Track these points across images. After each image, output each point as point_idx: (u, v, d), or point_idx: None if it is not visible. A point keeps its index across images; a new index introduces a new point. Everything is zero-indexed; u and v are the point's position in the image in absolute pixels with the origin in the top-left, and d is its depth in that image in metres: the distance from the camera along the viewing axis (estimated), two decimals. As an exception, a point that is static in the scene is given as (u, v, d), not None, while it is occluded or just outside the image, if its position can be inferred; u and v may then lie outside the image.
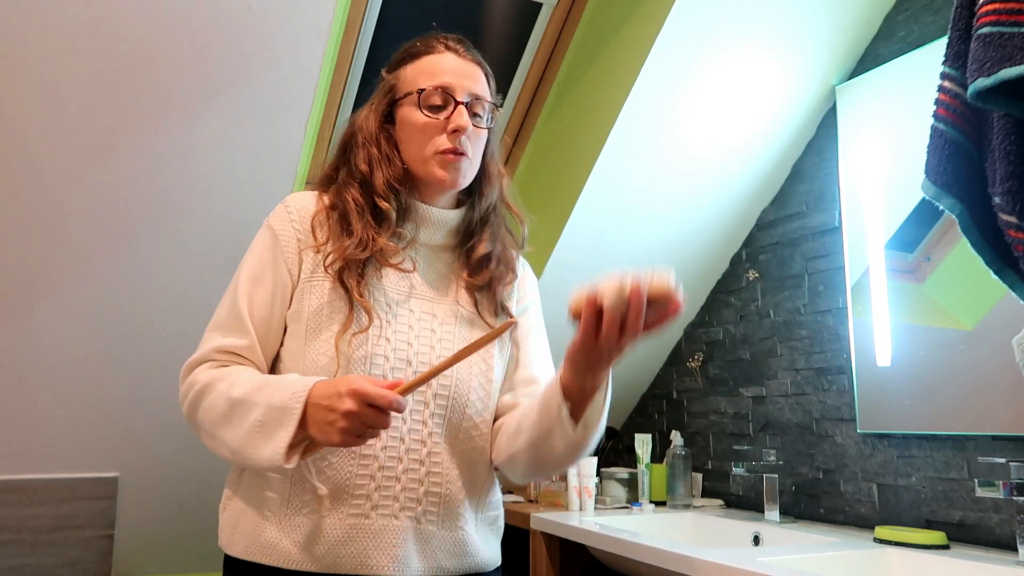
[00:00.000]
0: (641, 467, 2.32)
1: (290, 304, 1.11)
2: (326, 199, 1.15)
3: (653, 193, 2.16)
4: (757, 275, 2.29)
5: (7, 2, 1.45)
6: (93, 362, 1.93)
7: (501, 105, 1.20)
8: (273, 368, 1.13)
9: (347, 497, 1.06)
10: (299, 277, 1.11)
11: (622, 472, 2.37)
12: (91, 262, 1.80)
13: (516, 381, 1.22)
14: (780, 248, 2.22)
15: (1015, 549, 1.47)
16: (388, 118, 1.16)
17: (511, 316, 1.21)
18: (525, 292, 1.28)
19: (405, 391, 0.98)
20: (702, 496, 2.36)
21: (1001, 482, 1.48)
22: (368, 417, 0.95)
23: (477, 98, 1.14)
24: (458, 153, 1.12)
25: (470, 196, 1.20)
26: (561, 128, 2.20)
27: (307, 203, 1.15)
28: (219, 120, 1.70)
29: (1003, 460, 1.54)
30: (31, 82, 1.54)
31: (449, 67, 1.13)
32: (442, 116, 1.12)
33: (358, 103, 2.08)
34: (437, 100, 1.12)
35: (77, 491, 2.07)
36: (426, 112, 1.11)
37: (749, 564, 1.37)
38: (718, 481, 2.34)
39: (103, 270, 1.82)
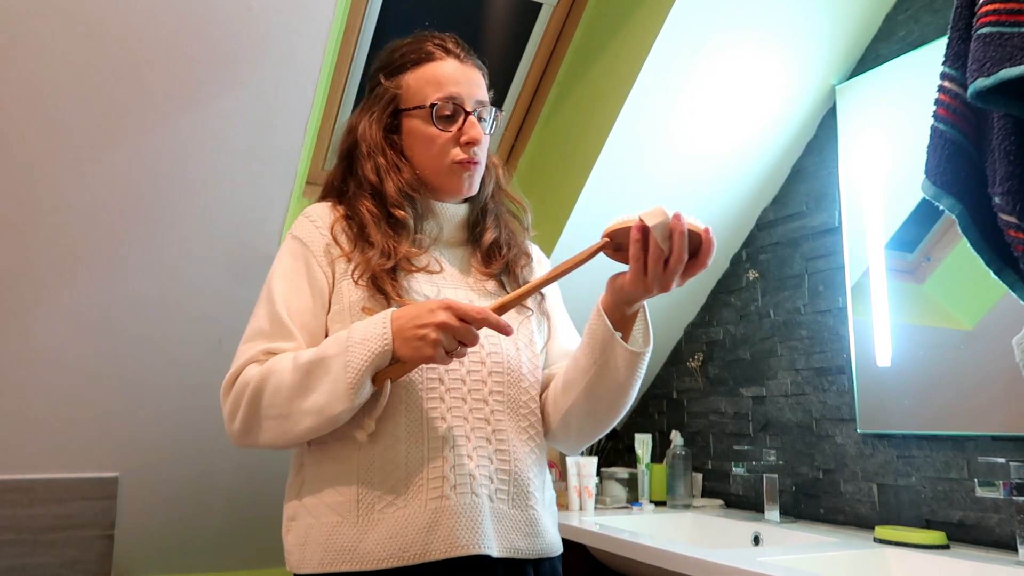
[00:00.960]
0: (641, 467, 2.32)
1: (329, 307, 1.11)
2: (341, 209, 1.15)
3: (653, 193, 2.16)
4: (757, 275, 2.29)
5: (5, 2, 1.45)
6: (93, 362, 1.93)
7: (499, 105, 1.21)
8: None
9: (423, 481, 1.04)
10: (334, 281, 1.11)
11: (622, 472, 2.37)
12: (91, 262, 1.80)
13: (555, 354, 1.24)
14: (780, 248, 2.22)
15: (1015, 549, 1.47)
16: (391, 127, 1.16)
17: (541, 294, 1.22)
18: (544, 271, 1.29)
19: (497, 310, 1.00)
20: (702, 496, 2.36)
21: (1001, 482, 1.48)
22: (460, 331, 0.97)
23: (482, 104, 1.16)
24: (473, 163, 1.15)
25: None
26: (561, 128, 2.20)
27: (325, 213, 1.15)
28: (219, 121, 1.70)
29: (1003, 460, 1.54)
30: (28, 82, 1.54)
31: (453, 75, 1.14)
32: (453, 128, 1.13)
33: (358, 103, 2.07)
34: (447, 112, 1.13)
35: (77, 491, 2.07)
36: (439, 126, 1.13)
37: (749, 564, 1.38)
38: (718, 481, 2.34)
39: (103, 270, 1.82)
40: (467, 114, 1.14)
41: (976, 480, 1.52)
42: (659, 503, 2.29)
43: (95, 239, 1.77)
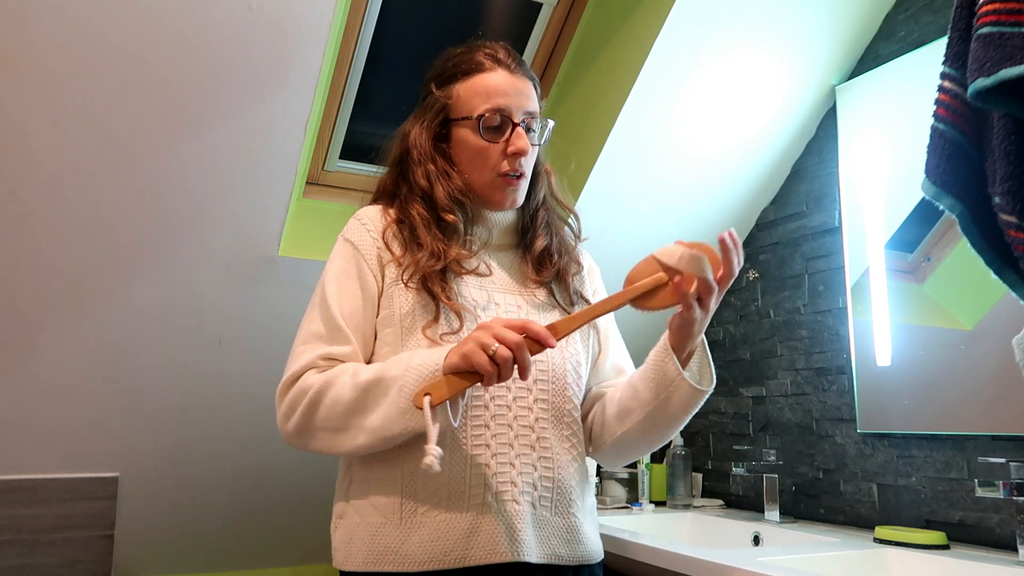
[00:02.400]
0: (641, 467, 2.32)
1: (378, 312, 1.13)
2: (392, 212, 1.18)
3: (653, 193, 2.16)
4: (757, 275, 2.29)
5: (7, 5, 1.45)
6: (93, 362, 1.93)
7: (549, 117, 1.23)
8: None
9: (464, 487, 1.06)
10: (383, 284, 1.14)
11: (622, 472, 2.37)
12: (90, 262, 1.80)
13: (606, 371, 1.27)
14: (780, 248, 2.22)
15: (1015, 549, 1.47)
16: (440, 135, 1.19)
17: (589, 303, 1.25)
18: (596, 282, 1.34)
19: (559, 335, 1.03)
20: (702, 496, 2.36)
21: (1001, 482, 1.48)
22: (506, 337, 0.98)
23: (531, 115, 1.18)
24: (518, 176, 1.17)
25: None
26: (561, 128, 2.19)
27: (376, 217, 1.17)
28: (218, 120, 1.70)
29: (1003, 460, 1.54)
30: (28, 82, 1.54)
31: (503, 86, 1.15)
32: (500, 139, 1.16)
33: (358, 103, 2.08)
34: (494, 123, 1.15)
35: (77, 491, 2.07)
36: (486, 137, 1.15)
37: (749, 564, 1.37)
38: (718, 481, 2.34)
39: (102, 270, 1.82)
40: (514, 125, 1.15)
41: (976, 480, 1.52)
42: (659, 503, 2.29)
43: (94, 239, 1.77)
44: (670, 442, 2.35)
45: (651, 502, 2.28)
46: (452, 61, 1.19)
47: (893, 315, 1.84)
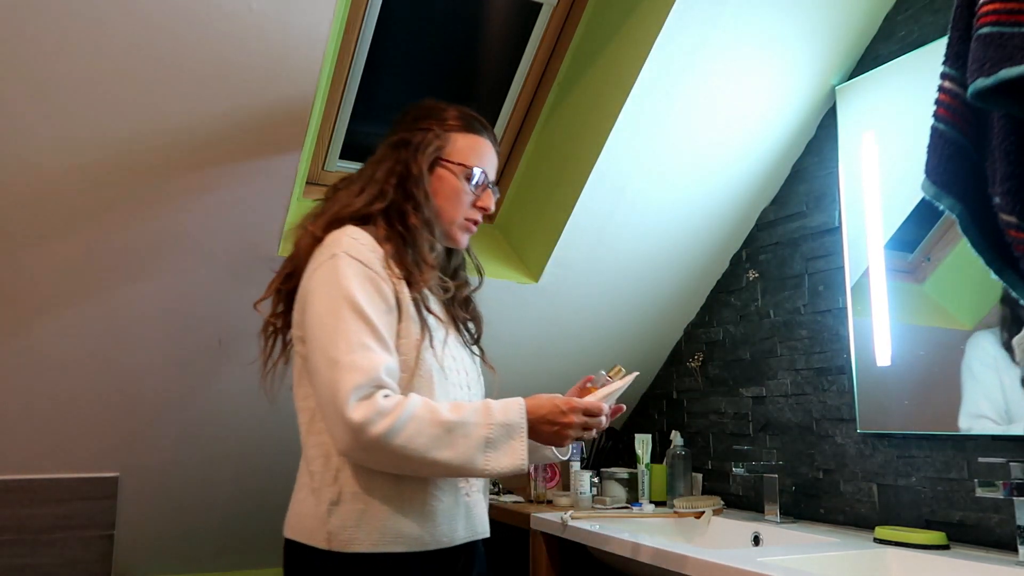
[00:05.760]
0: (641, 467, 2.32)
1: (399, 328, 1.26)
2: (381, 230, 1.30)
3: (653, 193, 2.16)
4: (757, 275, 2.29)
5: (7, 5, 1.45)
6: (93, 362, 1.93)
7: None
8: None
9: (454, 480, 1.28)
10: (400, 300, 1.26)
11: (622, 472, 2.37)
12: (90, 262, 1.80)
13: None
14: (780, 248, 2.22)
15: (1015, 549, 1.47)
16: (429, 167, 1.36)
17: (483, 350, 1.47)
18: None
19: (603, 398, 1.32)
20: (702, 496, 2.35)
21: (1001, 482, 1.48)
22: (591, 424, 1.27)
23: (494, 184, 1.43)
24: (477, 224, 1.41)
25: None
26: (561, 128, 2.20)
27: (371, 240, 1.27)
28: (217, 120, 1.70)
29: (1003, 460, 1.54)
30: (30, 82, 1.54)
31: (488, 154, 1.41)
32: (477, 192, 1.39)
33: (358, 103, 2.08)
34: (479, 179, 1.38)
35: (77, 491, 2.07)
36: (471, 189, 1.38)
37: (749, 564, 1.38)
38: (718, 481, 2.34)
39: (103, 270, 1.82)
40: (487, 187, 1.41)
41: (976, 480, 1.52)
42: (659, 503, 2.29)
43: (94, 238, 1.77)
44: (670, 442, 2.35)
45: (651, 502, 2.27)
46: (456, 113, 1.40)
47: (893, 315, 1.84)
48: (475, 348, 1.44)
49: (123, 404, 2.01)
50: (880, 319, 1.86)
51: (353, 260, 1.23)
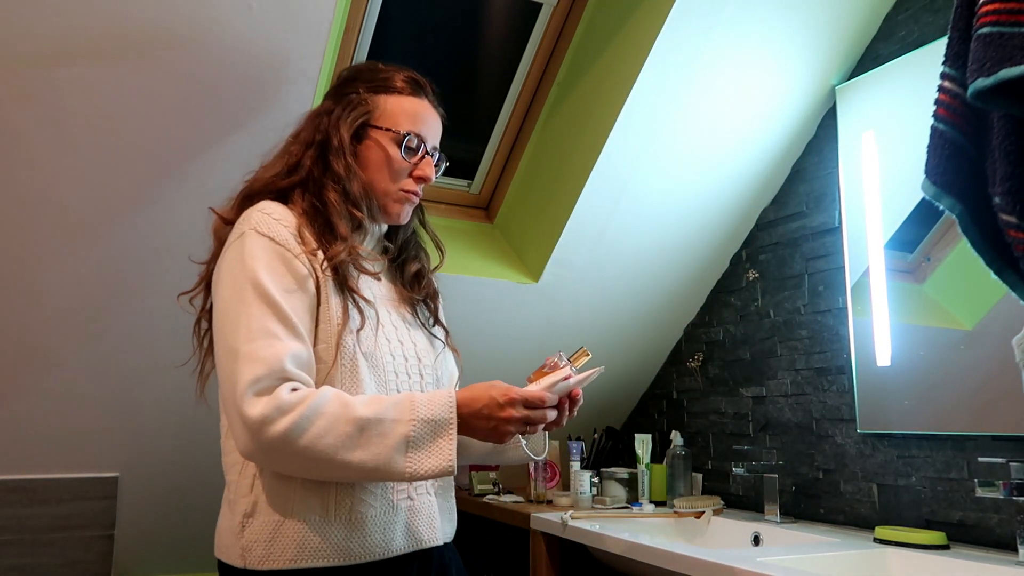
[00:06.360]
0: (641, 467, 2.32)
1: (318, 309, 1.12)
2: (298, 206, 1.17)
3: (653, 193, 2.16)
4: (757, 275, 2.29)
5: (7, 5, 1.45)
6: (93, 362, 1.93)
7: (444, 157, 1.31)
8: None
9: (391, 484, 1.13)
10: (319, 279, 1.12)
11: (622, 472, 2.37)
12: (90, 262, 1.80)
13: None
14: (780, 248, 2.22)
15: (1015, 549, 1.47)
16: (355, 134, 1.21)
17: (446, 330, 1.33)
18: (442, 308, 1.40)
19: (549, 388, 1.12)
20: (702, 496, 2.35)
21: (1001, 482, 1.48)
22: (533, 417, 1.10)
23: (436, 150, 1.27)
24: (416, 196, 1.25)
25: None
26: (561, 128, 2.20)
27: (286, 213, 1.15)
28: (217, 120, 1.70)
29: (1003, 460, 1.54)
30: (30, 85, 1.54)
31: (426, 117, 1.25)
32: (412, 160, 1.23)
33: (358, 103, 2.07)
34: (413, 145, 1.22)
35: (77, 491, 2.07)
36: (404, 155, 1.22)
37: (749, 564, 1.38)
38: (718, 481, 2.34)
39: (102, 270, 1.82)
40: (427, 153, 1.24)
41: (976, 480, 1.52)
42: (659, 503, 2.29)
43: (94, 238, 1.77)
44: (670, 442, 2.35)
45: (651, 502, 2.27)
46: (384, 74, 1.25)
47: (893, 315, 1.84)
48: (436, 330, 1.30)
49: (123, 404, 2.01)
50: (880, 319, 1.86)
51: (261, 237, 1.10)
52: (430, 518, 1.18)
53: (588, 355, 1.22)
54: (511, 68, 2.19)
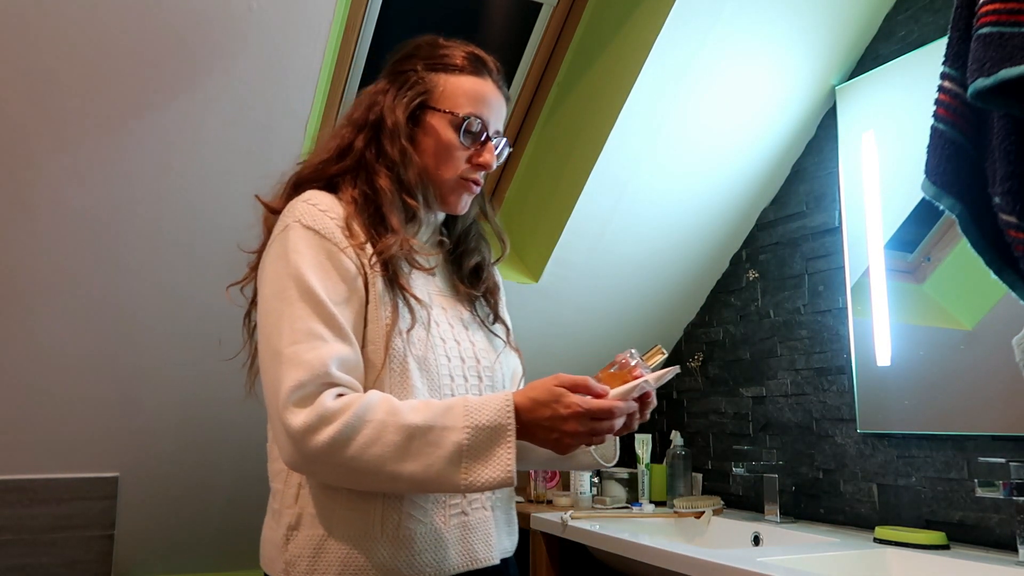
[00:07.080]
0: (641, 467, 2.32)
1: (367, 308, 1.03)
2: (347, 194, 1.08)
3: (653, 193, 2.16)
4: (757, 275, 2.29)
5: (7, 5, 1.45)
6: (92, 362, 1.93)
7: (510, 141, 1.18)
8: None
9: (444, 497, 1.05)
10: (367, 276, 1.04)
11: (622, 472, 2.37)
12: (91, 261, 1.80)
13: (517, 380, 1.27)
14: (780, 248, 2.22)
15: (1015, 549, 1.47)
16: (412, 116, 1.12)
17: (508, 327, 1.22)
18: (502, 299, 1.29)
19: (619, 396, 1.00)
20: (702, 496, 2.35)
21: (1001, 482, 1.48)
22: (599, 428, 0.97)
23: (499, 134, 1.16)
24: (477, 185, 1.14)
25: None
26: (561, 128, 2.20)
27: (333, 203, 1.06)
28: (218, 120, 1.70)
29: (1003, 460, 1.54)
30: (26, 77, 1.54)
31: (488, 98, 1.13)
32: (473, 145, 1.12)
33: (358, 103, 2.08)
34: (475, 128, 1.11)
35: (77, 491, 2.07)
36: (464, 140, 1.11)
37: (749, 564, 1.37)
38: (718, 481, 2.34)
39: (103, 270, 1.82)
40: (488, 139, 1.13)
41: (976, 480, 1.52)
42: (659, 503, 2.29)
43: (95, 239, 1.77)
44: (670, 442, 2.35)
45: (651, 502, 2.28)
46: (444, 51, 1.14)
47: (893, 315, 1.84)
48: (496, 328, 1.20)
49: (123, 404, 2.01)
50: (880, 319, 1.86)
51: (307, 230, 1.02)
52: (486, 535, 1.08)
53: (663, 353, 1.09)
54: (511, 68, 2.19)
